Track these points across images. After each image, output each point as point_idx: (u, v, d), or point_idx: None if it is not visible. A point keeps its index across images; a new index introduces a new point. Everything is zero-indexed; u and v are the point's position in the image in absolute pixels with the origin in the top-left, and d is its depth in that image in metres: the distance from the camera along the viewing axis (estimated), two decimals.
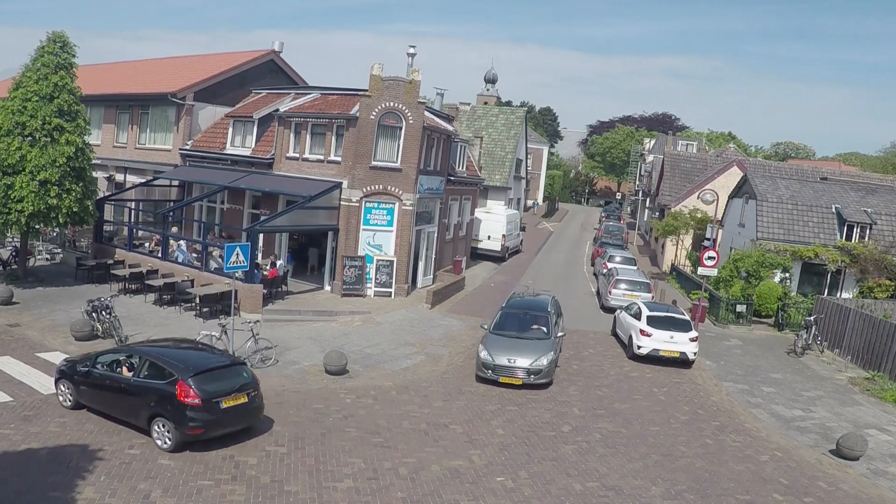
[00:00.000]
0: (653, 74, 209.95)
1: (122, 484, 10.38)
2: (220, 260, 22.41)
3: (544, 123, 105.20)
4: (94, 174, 24.27)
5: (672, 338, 19.49)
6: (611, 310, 25.39)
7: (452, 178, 29.72)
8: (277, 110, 25.71)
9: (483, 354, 16.82)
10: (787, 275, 27.42)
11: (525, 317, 18.61)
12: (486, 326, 18.37)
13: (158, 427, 11.65)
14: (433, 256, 28.30)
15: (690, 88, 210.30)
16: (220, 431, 11.87)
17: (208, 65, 31.89)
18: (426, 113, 25.29)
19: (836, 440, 14.13)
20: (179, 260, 23.78)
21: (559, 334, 18.16)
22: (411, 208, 24.60)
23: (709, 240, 32.83)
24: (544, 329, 17.96)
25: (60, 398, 13.12)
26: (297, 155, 25.11)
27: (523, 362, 16.43)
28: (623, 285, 26.39)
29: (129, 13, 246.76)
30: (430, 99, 38.54)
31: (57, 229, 26.28)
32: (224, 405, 11.76)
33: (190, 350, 13.40)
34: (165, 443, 11.59)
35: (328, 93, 26.61)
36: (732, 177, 38.56)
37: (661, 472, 12.56)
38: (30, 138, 21.41)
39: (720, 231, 35.30)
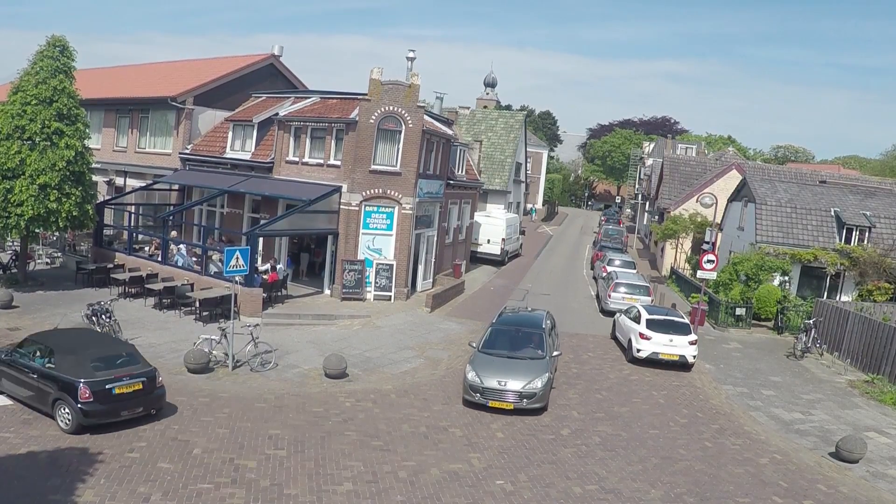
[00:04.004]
0: (652, 78, 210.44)
1: (122, 487, 10.39)
2: (219, 264, 22.42)
3: (544, 127, 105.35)
4: (93, 178, 24.30)
5: (671, 341, 19.51)
6: (610, 313, 25.38)
7: (452, 181, 29.76)
8: (277, 114, 25.75)
9: (470, 375, 15.27)
10: (787, 278, 27.43)
11: (517, 334, 17.08)
12: (473, 344, 16.88)
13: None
14: (433, 260, 28.32)
15: (689, 92, 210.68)
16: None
17: (208, 69, 31.96)
18: (425, 117, 25.34)
19: (835, 443, 14.15)
20: (179, 264, 23.80)
21: (554, 353, 16.68)
22: (411, 212, 24.63)
23: (708, 243, 32.86)
24: (538, 349, 16.50)
25: None
26: (297, 159, 25.14)
27: (515, 385, 14.96)
28: (622, 289, 26.40)
29: (129, 17, 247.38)
30: (429, 103, 38.58)
31: (57, 233, 26.28)
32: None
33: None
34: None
35: (328, 97, 26.66)
36: (731, 180, 38.58)
37: (661, 475, 12.57)
38: (29, 142, 21.42)
39: (719, 234, 35.32)
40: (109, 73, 38.78)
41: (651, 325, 19.84)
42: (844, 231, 28.14)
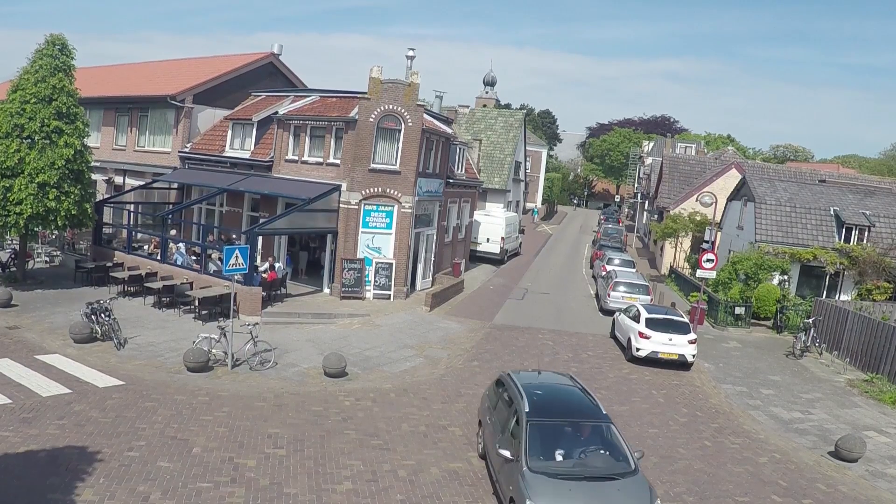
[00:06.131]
0: (651, 77, 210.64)
1: (121, 486, 10.38)
2: (219, 262, 22.41)
3: (543, 126, 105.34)
4: (92, 177, 24.25)
5: (671, 340, 19.52)
6: (609, 312, 25.40)
7: (451, 180, 29.74)
8: (276, 113, 25.73)
9: None
10: (786, 277, 27.45)
11: (574, 432, 10.79)
12: (509, 455, 10.10)
13: None
14: (432, 259, 28.31)
15: (689, 91, 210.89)
16: None
17: (207, 67, 31.92)
18: (425, 115, 25.31)
19: (834, 442, 14.17)
20: (178, 262, 23.77)
21: (636, 456, 10.42)
22: (410, 211, 24.61)
23: (707, 242, 32.90)
24: (617, 455, 10.31)
25: None
26: (297, 157, 25.13)
27: None
28: (622, 288, 26.42)
29: (128, 16, 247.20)
30: (429, 102, 38.60)
31: (56, 232, 26.24)
32: None
33: None
34: None
35: (327, 95, 26.64)
36: (731, 179, 38.60)
37: (660, 474, 12.57)
38: (28, 140, 21.37)
39: (719, 233, 35.36)
40: (109, 71, 38.73)
41: (650, 324, 19.84)
42: (844, 230, 28.16)
